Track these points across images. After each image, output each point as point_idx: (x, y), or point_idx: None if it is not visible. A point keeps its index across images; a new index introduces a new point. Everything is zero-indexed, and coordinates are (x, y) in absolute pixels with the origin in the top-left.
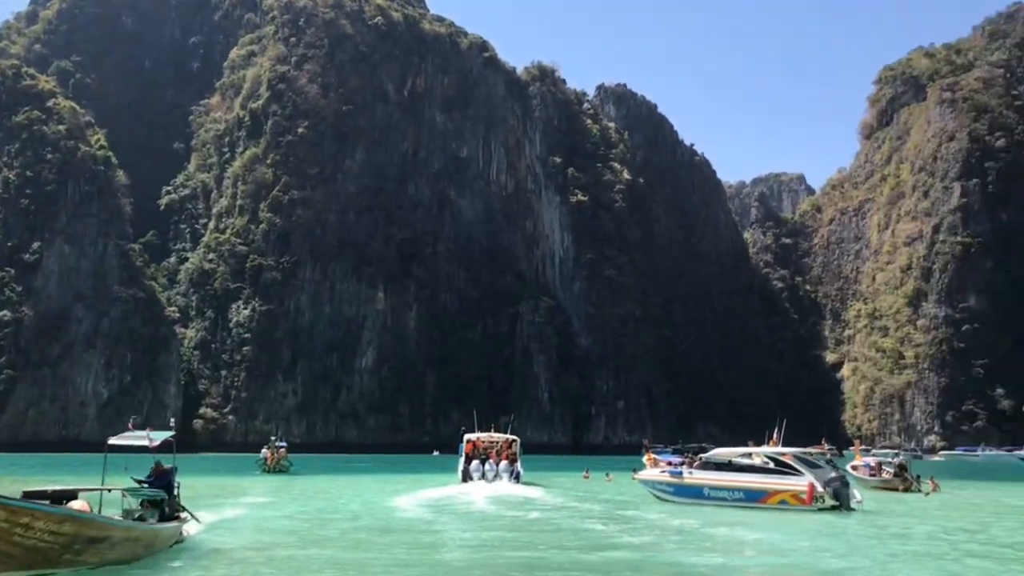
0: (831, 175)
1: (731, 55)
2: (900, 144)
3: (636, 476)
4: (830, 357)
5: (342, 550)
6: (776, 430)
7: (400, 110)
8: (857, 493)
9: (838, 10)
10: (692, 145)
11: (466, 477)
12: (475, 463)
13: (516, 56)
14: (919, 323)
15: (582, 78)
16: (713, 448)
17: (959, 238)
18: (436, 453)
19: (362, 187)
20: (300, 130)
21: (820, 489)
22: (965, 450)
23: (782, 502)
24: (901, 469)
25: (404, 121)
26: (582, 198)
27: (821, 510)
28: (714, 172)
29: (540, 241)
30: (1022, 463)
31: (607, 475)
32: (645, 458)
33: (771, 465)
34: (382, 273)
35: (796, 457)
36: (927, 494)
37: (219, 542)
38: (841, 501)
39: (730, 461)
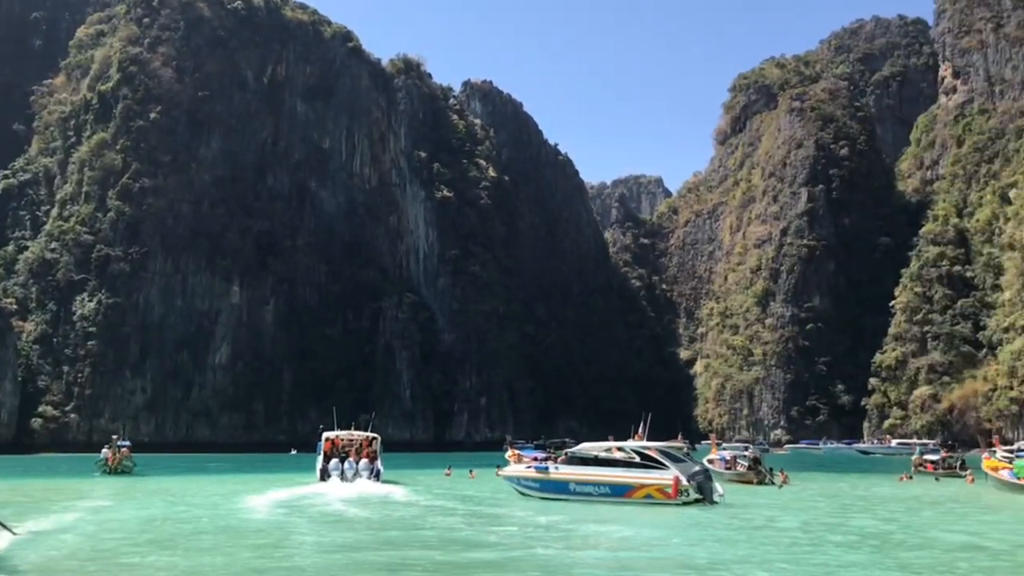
0: (687, 178)
1: (595, 59)
2: (752, 150)
3: (500, 472)
4: (684, 354)
5: (185, 556)
6: (641, 425)
7: (259, 98)
8: (719, 487)
9: (697, 19)
10: (556, 145)
11: (324, 476)
12: (334, 462)
13: (381, 48)
14: (767, 322)
15: (448, 73)
16: (573, 443)
17: (805, 241)
18: (294, 452)
19: (218, 177)
20: (152, 115)
21: (685, 483)
22: (808, 443)
23: (647, 496)
24: (755, 463)
25: (263, 109)
26: (447, 194)
27: (685, 504)
28: (577, 172)
29: (404, 236)
30: (860, 455)
31: (470, 472)
32: (508, 454)
33: (636, 459)
34: (238, 266)
35: (661, 451)
36: (780, 486)
37: (42, 553)
38: (704, 495)
39: (596, 456)
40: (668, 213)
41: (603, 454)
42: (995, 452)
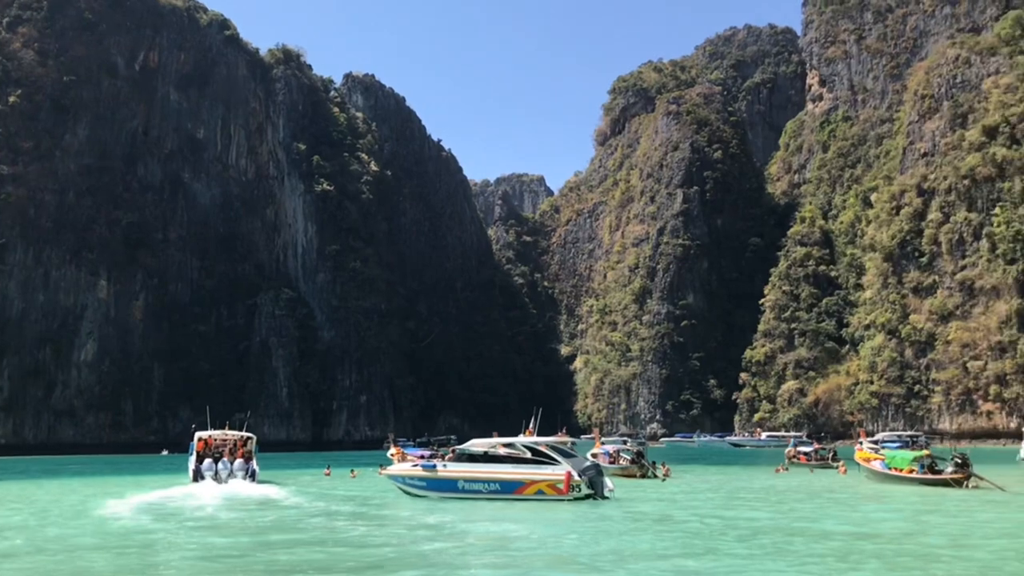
0: (569, 178)
1: (479, 58)
2: (631, 151)
3: (384, 471)
4: (565, 350)
5: (32, 566)
6: (531, 420)
7: (130, 85)
8: (609, 482)
9: (578, 22)
10: (439, 141)
11: (197, 477)
12: (207, 462)
13: (259, 37)
14: (644, 319)
15: (329, 66)
16: (457, 441)
17: (680, 240)
18: (165, 452)
19: (84, 165)
20: (12, 99)
21: (577, 478)
22: (683, 437)
23: (539, 492)
24: (639, 456)
25: (134, 97)
26: (327, 187)
27: (576, 499)
28: (460, 169)
29: (282, 230)
30: (733, 448)
31: (352, 471)
32: (391, 452)
33: (527, 455)
34: (105, 260)
35: (551, 447)
36: (663, 479)
37: None
38: (596, 490)
39: (485, 452)
40: (550, 212)
41: (493, 450)
42: (862, 443)
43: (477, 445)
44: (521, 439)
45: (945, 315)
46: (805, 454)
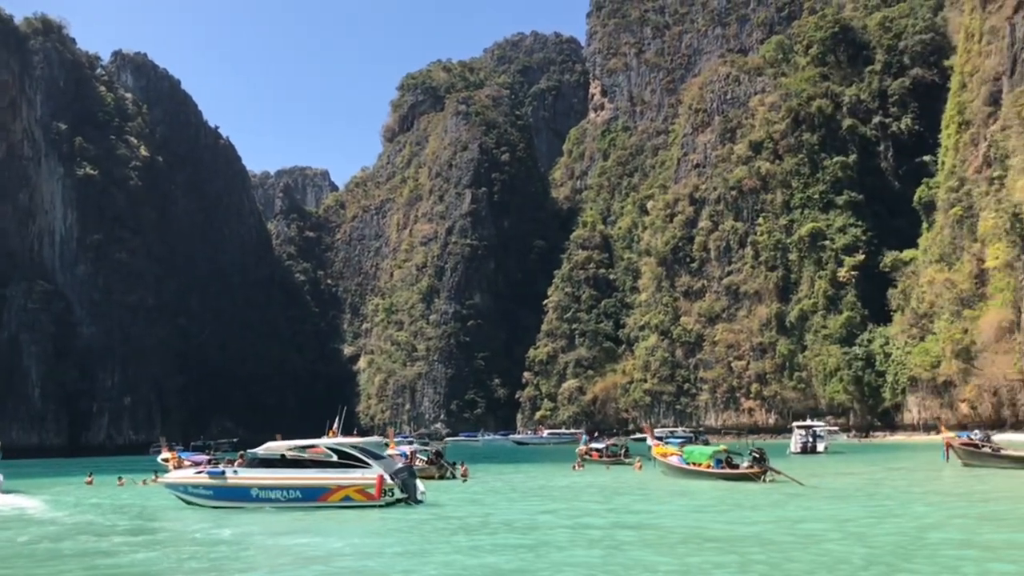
0: (355, 173)
1: (262, 44)
2: (420, 149)
3: (162, 479)
4: (348, 350)
5: None
6: (336, 420)
7: None
8: (421, 484)
9: (367, 17)
10: (217, 128)
11: None
12: None
13: (13, 3)
14: (431, 318)
15: (95, 41)
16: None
17: (468, 241)
18: None
19: None
20: None
21: (389, 481)
22: (467, 436)
23: (346, 499)
24: (437, 456)
25: None
26: (91, 172)
27: (389, 504)
28: (239, 158)
29: (37, 216)
30: (516, 446)
31: (119, 479)
32: (163, 457)
33: (333, 458)
34: None
35: (360, 448)
36: (464, 480)
37: None
38: (409, 493)
39: (283, 456)
40: (335, 207)
41: (292, 454)
42: (646, 439)
43: (273, 448)
44: (325, 440)
45: (712, 317)
46: (597, 451)
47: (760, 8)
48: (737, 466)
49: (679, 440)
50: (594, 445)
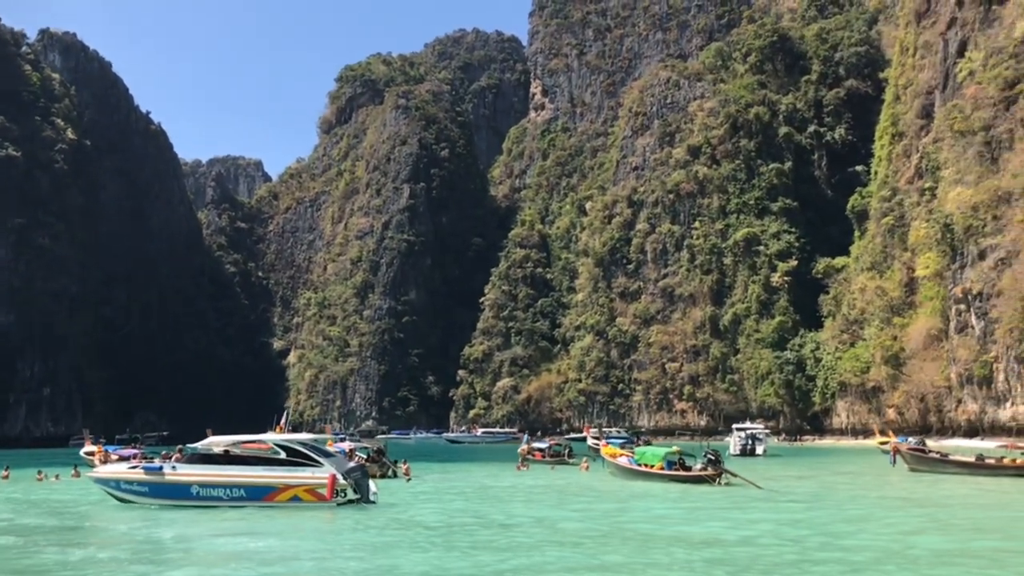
0: (290, 164)
1: (197, 30)
2: (357, 142)
3: (92, 474)
4: (278, 344)
5: None
6: (284, 415)
7: None
8: (373, 484)
9: (305, 8)
10: (148, 113)
11: None
12: None
13: None
14: (365, 313)
15: (21, 18)
16: (159, 437)
17: (405, 236)
18: None
19: None
20: None
21: (343, 481)
22: (399, 433)
23: (295, 498)
24: (379, 454)
25: None
26: (13, 153)
27: (340, 505)
28: (171, 145)
29: None
30: (450, 444)
31: (39, 473)
32: (85, 451)
33: (281, 455)
34: None
35: (311, 445)
36: (407, 479)
37: None
38: (362, 494)
39: (226, 452)
40: (268, 198)
41: (236, 450)
42: (586, 438)
43: (216, 443)
44: (273, 436)
45: (648, 319)
46: (540, 451)
47: (700, 15)
48: (690, 468)
49: (619, 441)
50: (536, 445)
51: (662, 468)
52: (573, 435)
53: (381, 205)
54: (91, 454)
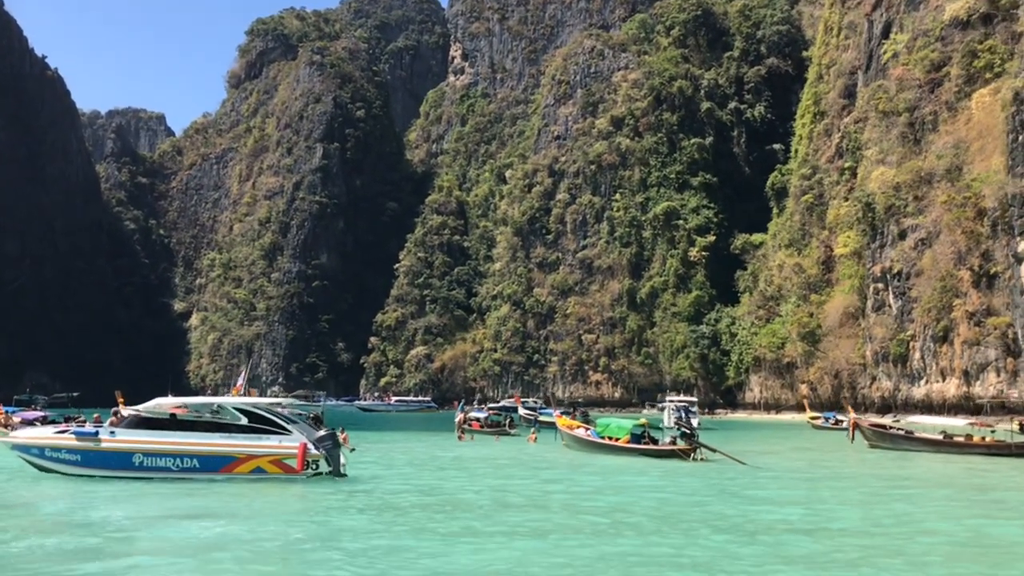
0: (195, 118)
1: None
2: (268, 98)
3: (7, 439)
4: (179, 306)
5: None
6: (242, 375)
7: None
8: (343, 455)
9: None
10: (45, 58)
11: None
12: None
13: None
14: (273, 276)
15: None
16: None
17: (317, 197)
18: None
19: None
20: None
21: (314, 451)
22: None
23: (257, 470)
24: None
25: None
26: None
27: (310, 478)
28: (68, 93)
29: None
30: (361, 412)
31: None
32: None
33: (242, 420)
34: None
35: (275, 412)
36: (352, 449)
37: None
38: (334, 466)
39: (173, 416)
40: (171, 153)
41: (186, 415)
42: (517, 409)
43: (163, 406)
44: (232, 399)
45: (565, 290)
46: (477, 420)
47: None
48: (657, 441)
49: (551, 412)
50: (474, 414)
51: (628, 442)
52: (493, 406)
53: (292, 164)
54: None
